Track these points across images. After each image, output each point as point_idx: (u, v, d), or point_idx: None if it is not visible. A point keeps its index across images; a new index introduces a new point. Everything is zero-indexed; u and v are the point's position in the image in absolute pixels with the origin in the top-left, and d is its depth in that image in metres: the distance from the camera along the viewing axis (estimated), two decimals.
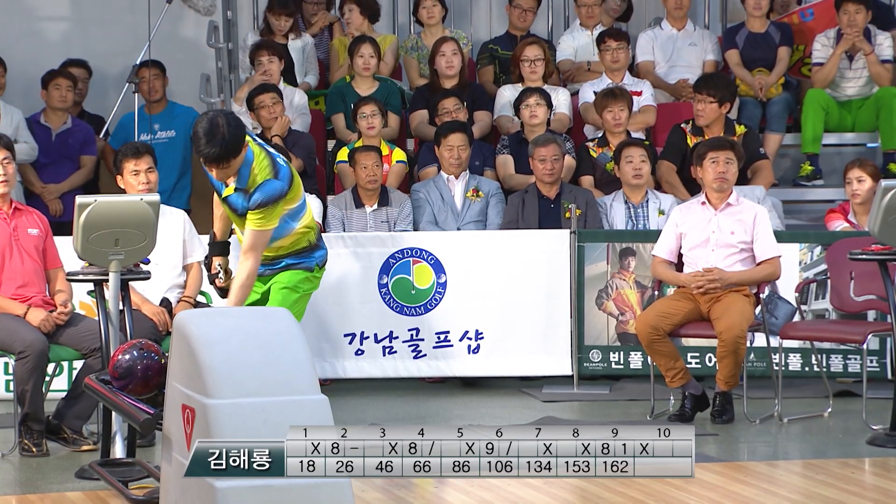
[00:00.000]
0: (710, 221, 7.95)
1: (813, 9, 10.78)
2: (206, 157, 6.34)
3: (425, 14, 10.69)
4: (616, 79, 10.16)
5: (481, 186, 9.43)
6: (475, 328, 8.86)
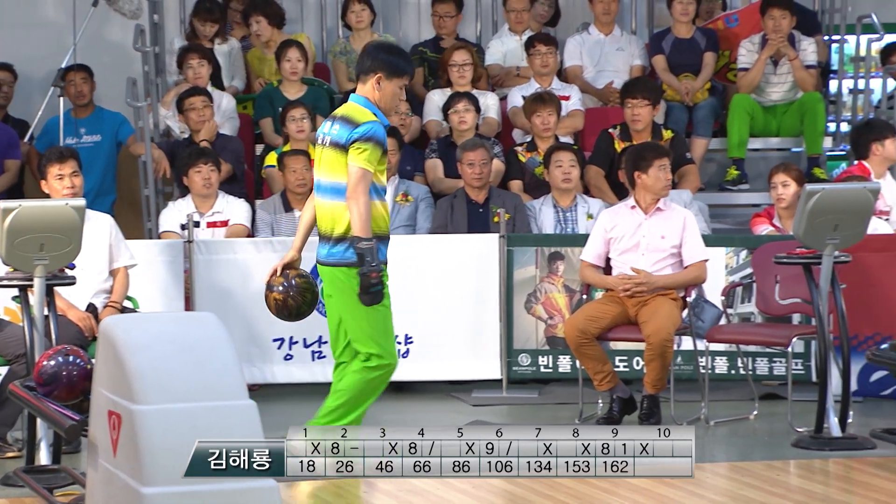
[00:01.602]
0: (641, 226, 8.00)
1: (737, 15, 10.88)
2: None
3: (354, 18, 10.68)
4: (544, 83, 10.20)
5: (410, 191, 9.44)
6: (404, 332, 8.85)
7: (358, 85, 6.78)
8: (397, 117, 9.81)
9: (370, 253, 6.50)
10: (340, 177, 6.61)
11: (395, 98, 6.80)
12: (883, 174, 9.22)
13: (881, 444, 7.04)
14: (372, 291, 6.57)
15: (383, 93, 6.70)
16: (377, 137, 6.57)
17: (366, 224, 6.51)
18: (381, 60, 6.70)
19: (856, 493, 6.20)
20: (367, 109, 6.67)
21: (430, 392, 8.94)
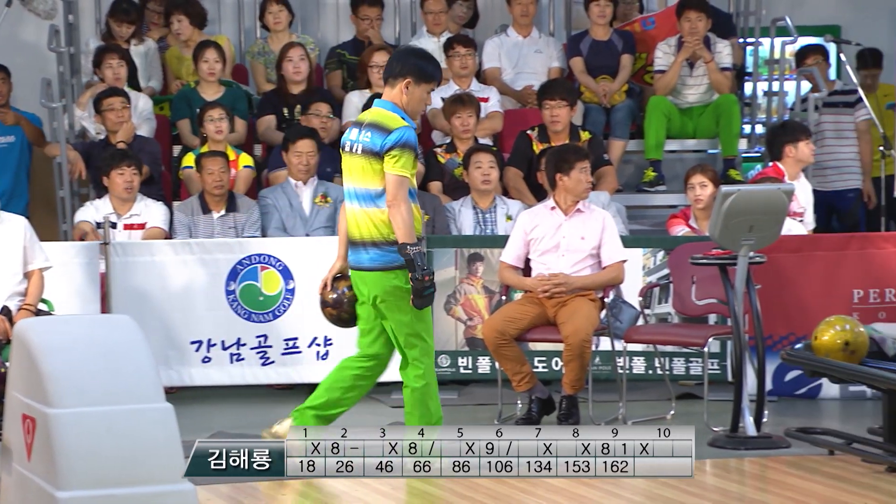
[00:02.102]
0: (561, 227, 8.04)
1: (654, 18, 10.97)
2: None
3: (272, 19, 10.64)
4: (463, 85, 10.22)
5: (330, 192, 9.42)
6: (324, 334, 8.83)
7: (385, 89, 6.79)
8: (318, 120, 9.78)
9: (420, 257, 6.56)
10: (373, 183, 6.64)
11: (423, 103, 6.84)
12: (797, 176, 9.34)
13: (795, 443, 7.12)
14: (425, 295, 6.61)
15: (411, 98, 6.71)
16: (410, 143, 6.60)
17: (410, 230, 6.55)
18: (410, 65, 6.72)
19: (770, 491, 6.27)
20: (395, 114, 6.68)
21: None
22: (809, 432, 7.15)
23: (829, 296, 8.56)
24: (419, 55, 6.84)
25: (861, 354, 6.84)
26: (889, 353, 6.90)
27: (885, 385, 6.61)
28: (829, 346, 6.83)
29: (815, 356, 6.90)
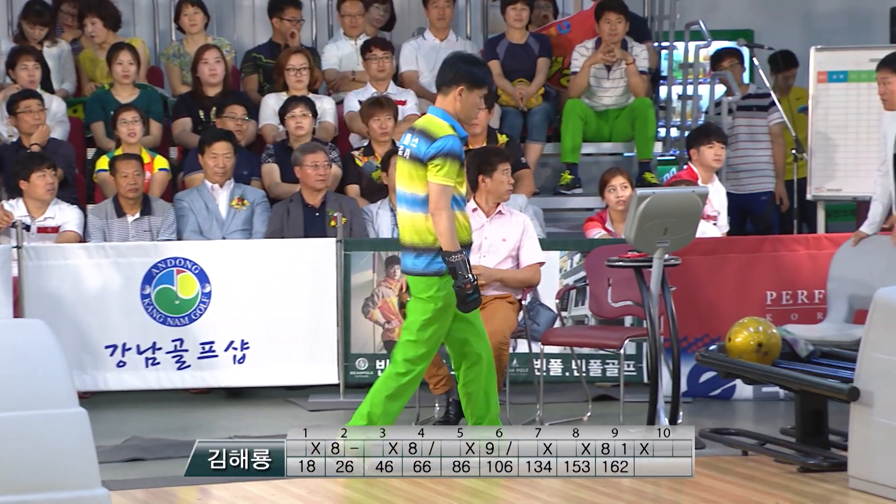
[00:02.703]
0: (483, 228, 8.06)
1: (569, 22, 11.03)
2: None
3: (187, 21, 10.58)
4: (381, 88, 10.21)
5: (246, 195, 9.38)
6: (241, 338, 8.79)
7: (438, 97, 6.85)
8: (233, 122, 9.74)
9: (461, 266, 6.63)
10: (418, 189, 6.72)
11: (475, 109, 6.87)
12: (710, 179, 9.43)
13: (710, 444, 7.18)
14: (470, 301, 6.68)
15: (464, 104, 6.77)
16: (454, 152, 6.65)
17: (451, 238, 6.63)
18: (463, 72, 6.78)
19: (685, 492, 6.32)
20: (444, 122, 6.74)
21: (267, 398, 8.90)
22: (723, 433, 7.22)
23: (743, 298, 8.65)
24: (469, 61, 6.94)
25: (774, 356, 6.92)
26: (801, 355, 6.98)
27: (797, 386, 6.69)
28: (743, 348, 6.90)
29: (729, 358, 6.97)
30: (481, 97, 6.85)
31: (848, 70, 9.65)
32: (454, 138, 6.69)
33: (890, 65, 8.04)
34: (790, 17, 13.23)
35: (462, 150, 6.74)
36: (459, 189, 6.77)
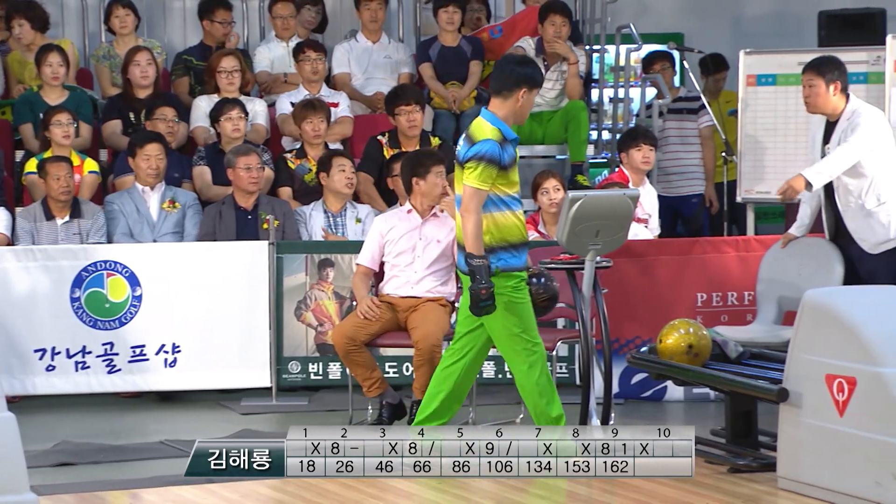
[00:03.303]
0: (417, 230, 8.07)
1: (501, 26, 11.05)
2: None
3: (118, 23, 10.50)
4: (313, 90, 10.19)
5: (177, 198, 9.33)
6: (172, 341, 8.74)
7: (494, 100, 6.92)
8: (164, 124, 9.67)
9: (480, 270, 6.71)
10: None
11: (531, 107, 6.97)
12: (641, 181, 9.48)
13: None
14: (482, 306, 6.75)
15: (525, 105, 6.90)
16: (489, 155, 6.73)
17: (476, 241, 6.72)
18: (522, 75, 6.90)
19: (616, 493, 6.35)
20: (491, 125, 6.84)
21: (199, 401, 8.85)
22: None
23: (674, 299, 8.71)
24: (523, 62, 7.07)
25: (704, 357, 6.97)
26: (731, 356, 7.03)
27: (727, 387, 6.74)
28: (674, 350, 6.95)
29: (660, 359, 7.02)
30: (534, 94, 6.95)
31: (776, 73, 9.73)
32: (490, 143, 6.76)
33: (816, 68, 8.12)
34: (720, 21, 13.34)
35: (498, 153, 6.75)
36: (506, 189, 6.84)
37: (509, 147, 6.86)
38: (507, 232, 6.86)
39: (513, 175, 6.88)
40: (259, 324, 8.81)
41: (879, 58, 9.18)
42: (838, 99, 8.06)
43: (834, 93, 8.05)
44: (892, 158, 8.07)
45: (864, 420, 5.79)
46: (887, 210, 8.00)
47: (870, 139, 7.95)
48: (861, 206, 8.02)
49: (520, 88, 6.89)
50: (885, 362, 5.74)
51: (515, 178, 6.91)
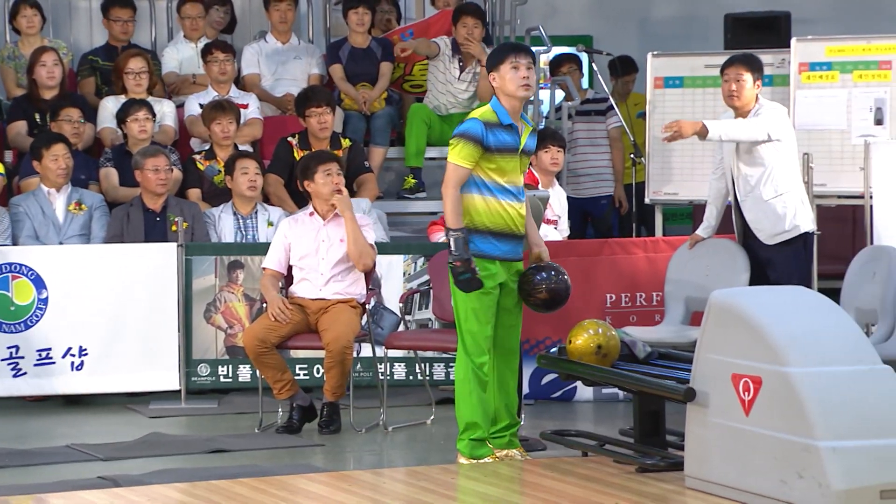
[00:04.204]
0: (320, 231, 8.05)
1: (413, 30, 11.05)
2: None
3: (24, 23, 10.37)
4: (222, 91, 10.14)
5: (84, 199, 9.23)
6: (79, 344, 8.66)
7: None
8: (69, 125, 9.56)
9: (454, 243, 6.76)
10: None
11: (512, 81, 6.81)
12: (550, 183, 9.53)
13: (551, 446, 7.25)
14: (461, 279, 6.77)
15: (501, 81, 6.84)
16: (469, 133, 6.77)
17: (453, 216, 6.77)
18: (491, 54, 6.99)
19: (526, 493, 6.37)
20: (481, 108, 6.93)
21: (106, 405, 8.78)
22: (564, 434, 7.29)
23: (584, 300, 8.75)
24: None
25: (613, 357, 7.00)
26: (640, 356, 7.08)
27: (635, 387, 6.79)
28: (583, 350, 6.98)
29: (569, 360, 7.04)
30: (514, 67, 6.81)
31: (684, 76, 9.82)
32: (475, 122, 6.81)
33: (745, 62, 8.13)
34: (628, 24, 13.44)
35: (482, 134, 6.75)
36: (491, 175, 6.82)
37: (501, 131, 6.82)
38: (486, 217, 6.83)
39: (503, 162, 6.84)
40: (168, 326, 8.74)
41: (784, 60, 9.30)
42: (754, 99, 8.14)
43: (756, 89, 8.13)
44: (791, 152, 8.16)
45: (769, 419, 5.85)
46: (784, 201, 8.08)
47: (771, 125, 8.01)
48: (759, 197, 8.09)
49: (489, 73, 6.92)
50: (790, 362, 5.80)
51: (507, 167, 6.85)
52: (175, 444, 7.61)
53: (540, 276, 6.97)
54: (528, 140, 6.95)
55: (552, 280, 6.96)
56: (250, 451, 7.47)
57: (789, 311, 6.09)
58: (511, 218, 6.89)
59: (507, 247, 6.90)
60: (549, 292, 6.97)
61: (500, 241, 6.88)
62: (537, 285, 6.96)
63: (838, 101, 9.21)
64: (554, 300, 7.00)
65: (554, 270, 6.98)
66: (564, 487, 6.32)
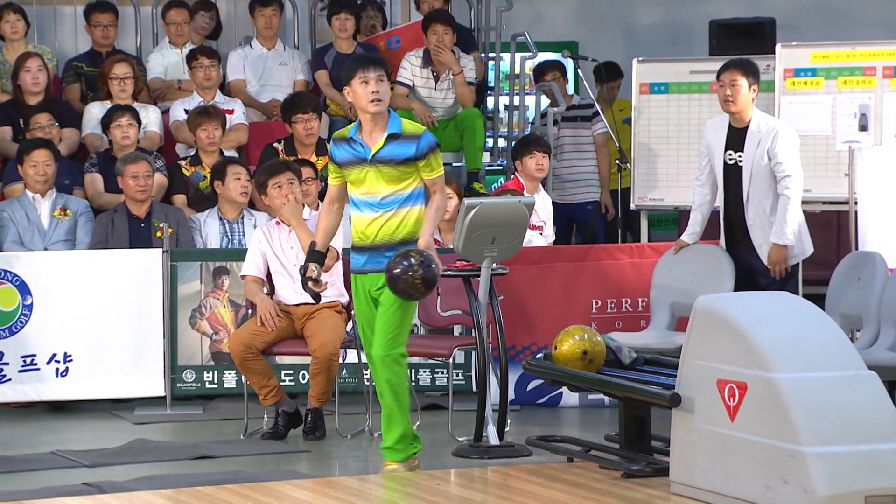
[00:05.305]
0: (289, 238, 8.06)
1: (399, 36, 11.06)
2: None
3: (8, 28, 10.36)
4: (208, 97, 10.13)
5: (69, 205, 9.22)
6: (64, 350, 8.64)
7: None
8: (41, 132, 9.52)
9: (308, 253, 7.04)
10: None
11: (362, 97, 6.73)
12: (536, 189, 9.54)
13: (537, 451, 7.25)
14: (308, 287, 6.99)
15: (354, 99, 6.83)
16: (328, 152, 6.96)
17: (317, 232, 7.06)
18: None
19: (512, 499, 6.37)
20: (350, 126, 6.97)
21: (92, 411, 8.76)
22: (550, 440, 7.29)
23: (569, 306, 8.77)
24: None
25: (598, 363, 7.01)
26: (625, 362, 7.09)
27: (620, 393, 6.79)
28: (568, 356, 6.98)
29: (555, 366, 7.05)
30: (364, 82, 6.73)
31: (669, 82, 9.84)
32: (332, 141, 6.90)
33: (740, 67, 8.14)
34: (613, 30, 13.46)
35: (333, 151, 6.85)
36: (352, 188, 6.85)
37: (345, 145, 6.82)
38: (352, 230, 6.92)
39: (352, 175, 6.82)
40: (153, 332, 8.73)
41: (769, 66, 9.32)
42: (751, 104, 8.15)
43: (752, 93, 8.14)
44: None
45: (754, 425, 5.86)
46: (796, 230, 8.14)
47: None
48: (771, 223, 8.12)
49: (343, 86, 6.89)
50: (775, 367, 5.81)
51: (356, 178, 6.81)
52: (160, 451, 7.60)
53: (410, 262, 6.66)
54: (386, 146, 6.76)
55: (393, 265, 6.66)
56: (236, 458, 7.46)
57: (774, 316, 6.10)
58: (363, 229, 6.84)
59: (363, 258, 6.88)
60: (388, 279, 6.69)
61: (358, 254, 6.92)
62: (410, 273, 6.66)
63: (823, 107, 9.23)
64: (393, 285, 6.69)
65: (408, 259, 6.63)
66: (550, 493, 6.33)
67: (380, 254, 6.82)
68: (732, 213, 8.26)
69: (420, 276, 6.63)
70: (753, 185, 8.13)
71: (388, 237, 6.82)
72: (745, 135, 8.15)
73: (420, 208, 6.86)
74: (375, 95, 6.73)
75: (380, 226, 6.81)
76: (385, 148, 6.77)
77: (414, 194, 6.84)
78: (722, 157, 8.24)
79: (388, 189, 6.79)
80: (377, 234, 6.82)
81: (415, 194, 6.84)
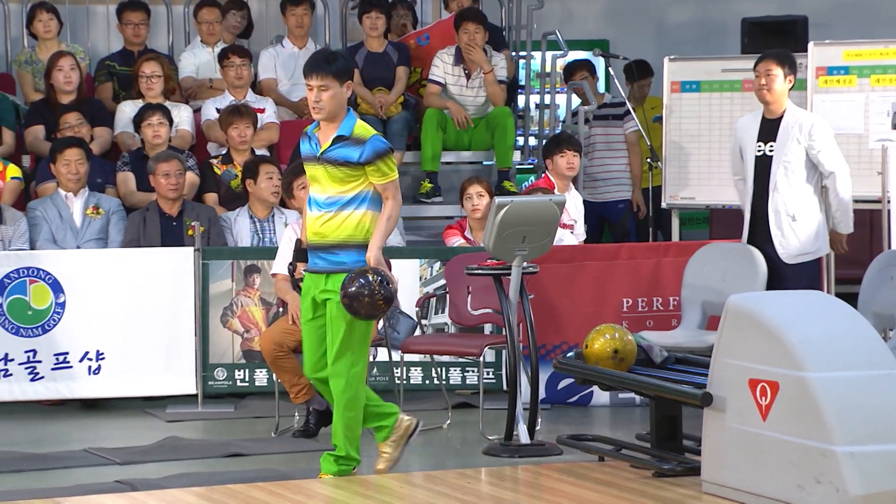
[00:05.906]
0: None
1: (429, 34, 11.06)
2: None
3: (41, 27, 10.41)
4: (239, 96, 10.15)
5: (101, 203, 9.26)
6: (96, 348, 8.67)
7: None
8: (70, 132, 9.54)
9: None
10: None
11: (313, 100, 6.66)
12: (566, 187, 9.52)
13: (567, 450, 7.25)
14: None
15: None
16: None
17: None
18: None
19: (543, 498, 6.37)
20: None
21: (124, 409, 8.78)
22: (581, 439, 7.29)
23: (600, 305, 8.76)
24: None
25: (630, 362, 7.00)
26: (656, 361, 7.07)
27: (652, 392, 6.78)
28: (599, 355, 6.97)
29: (586, 364, 7.03)
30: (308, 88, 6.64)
31: (700, 80, 9.81)
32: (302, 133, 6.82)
33: (776, 57, 8.12)
34: (644, 28, 13.44)
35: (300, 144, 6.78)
36: (310, 185, 6.77)
37: (305, 139, 6.76)
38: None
39: (308, 169, 6.76)
40: (185, 330, 8.75)
41: (801, 64, 9.28)
42: (786, 95, 8.14)
43: (788, 84, 8.13)
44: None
45: (786, 424, 5.84)
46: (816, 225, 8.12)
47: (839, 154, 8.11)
48: (792, 216, 8.10)
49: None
50: (807, 367, 5.79)
51: (311, 174, 6.73)
52: (192, 448, 7.62)
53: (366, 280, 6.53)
54: (334, 147, 6.63)
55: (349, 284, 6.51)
56: (267, 455, 7.48)
57: (806, 315, 6.08)
58: (308, 227, 6.73)
59: (312, 259, 6.75)
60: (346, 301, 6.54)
61: (310, 254, 6.79)
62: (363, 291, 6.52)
63: (856, 105, 9.19)
64: (353, 307, 6.54)
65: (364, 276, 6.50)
66: (581, 492, 6.32)
67: (316, 255, 6.70)
68: (757, 204, 8.24)
69: (382, 297, 6.50)
70: (780, 176, 8.11)
71: (323, 238, 6.65)
72: (779, 125, 8.14)
73: (367, 213, 6.65)
74: (315, 104, 6.64)
75: (320, 225, 6.67)
76: (332, 149, 6.64)
77: (359, 198, 6.64)
78: (753, 150, 8.21)
79: (333, 189, 6.65)
80: (317, 233, 6.68)
81: (359, 198, 6.64)
